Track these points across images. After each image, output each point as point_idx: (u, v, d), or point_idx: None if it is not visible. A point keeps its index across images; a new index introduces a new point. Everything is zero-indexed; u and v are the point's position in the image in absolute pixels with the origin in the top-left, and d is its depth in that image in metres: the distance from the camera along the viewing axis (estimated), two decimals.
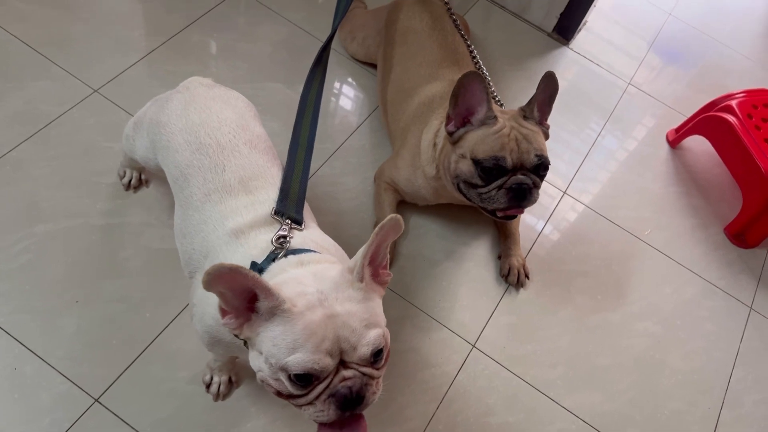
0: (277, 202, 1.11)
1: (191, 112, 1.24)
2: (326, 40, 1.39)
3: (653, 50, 2.61)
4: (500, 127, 1.49)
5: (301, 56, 2.10)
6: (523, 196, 1.50)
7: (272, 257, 1.00)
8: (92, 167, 1.68)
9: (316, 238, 1.11)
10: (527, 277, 1.78)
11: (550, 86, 1.53)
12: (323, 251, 1.06)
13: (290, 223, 1.07)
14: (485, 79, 1.81)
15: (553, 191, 2.03)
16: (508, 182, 1.49)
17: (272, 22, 2.17)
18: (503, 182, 1.49)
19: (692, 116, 2.24)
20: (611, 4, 2.70)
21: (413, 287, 1.71)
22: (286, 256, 1.00)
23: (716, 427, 1.67)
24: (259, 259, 1.00)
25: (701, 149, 2.26)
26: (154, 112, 1.33)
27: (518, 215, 1.62)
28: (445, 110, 1.63)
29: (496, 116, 1.50)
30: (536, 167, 1.51)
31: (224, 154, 1.17)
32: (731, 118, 2.05)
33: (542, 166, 1.51)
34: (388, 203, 1.76)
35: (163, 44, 1.99)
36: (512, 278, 1.76)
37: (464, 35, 1.92)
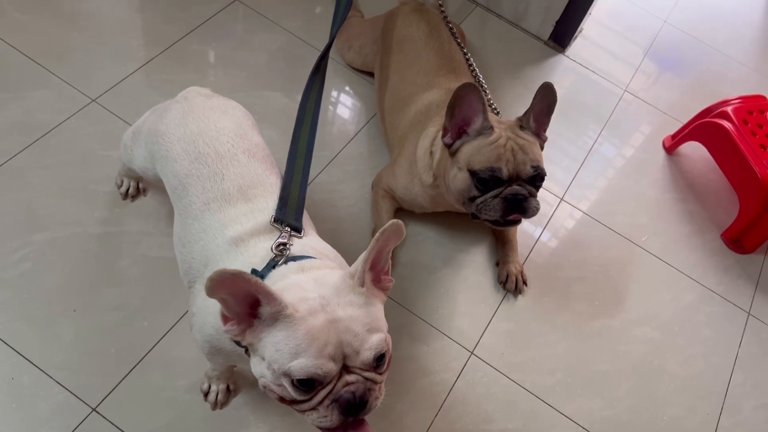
0: (276, 209, 1.11)
1: (189, 121, 1.25)
2: (324, 48, 1.40)
3: (649, 57, 2.62)
4: (496, 137, 1.49)
5: (298, 65, 2.11)
6: (518, 205, 1.51)
7: (272, 264, 1.00)
8: (90, 176, 1.68)
9: (315, 245, 1.11)
10: (525, 283, 1.79)
11: (547, 97, 1.53)
12: (323, 258, 1.06)
13: (289, 230, 1.08)
14: (481, 89, 1.82)
15: (550, 198, 2.03)
16: (503, 192, 1.50)
17: (269, 31, 2.18)
18: (499, 192, 1.50)
19: (688, 122, 2.25)
20: (607, 11, 2.72)
21: (411, 294, 1.71)
22: (286, 263, 1.00)
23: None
24: (259, 266, 1.01)
25: (697, 155, 2.27)
26: (152, 122, 1.34)
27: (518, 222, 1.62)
28: (441, 118, 1.63)
29: (492, 126, 1.50)
30: (532, 178, 1.51)
31: (223, 163, 1.18)
32: (727, 124, 2.06)
33: (538, 176, 1.52)
34: (385, 210, 1.76)
35: (161, 53, 1.99)
36: (510, 285, 1.76)
37: (461, 43, 1.93)
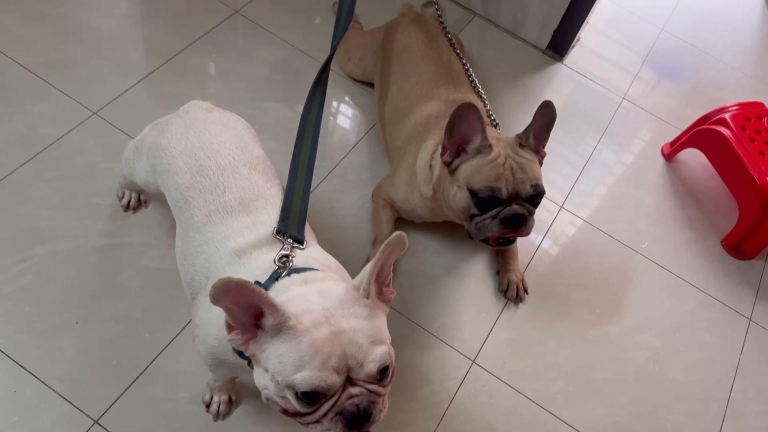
0: (278, 221, 1.12)
1: (191, 135, 1.26)
2: (325, 60, 1.41)
3: (647, 65, 2.64)
4: (495, 155, 1.50)
5: (298, 76, 2.12)
6: (517, 225, 1.51)
7: (275, 276, 1.00)
8: (91, 189, 1.69)
9: (317, 256, 1.12)
10: (526, 291, 1.79)
11: (547, 115, 1.54)
12: (325, 269, 1.07)
13: (292, 242, 1.08)
14: (480, 99, 1.84)
15: (550, 206, 2.04)
16: (502, 212, 1.50)
17: (270, 43, 2.20)
18: (498, 212, 1.50)
19: (686, 129, 2.26)
20: (604, 20, 2.74)
21: (412, 304, 1.71)
22: (289, 275, 1.00)
23: None
24: (262, 279, 1.01)
25: (696, 162, 2.27)
26: (154, 135, 1.35)
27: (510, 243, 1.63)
28: (440, 130, 1.64)
29: (491, 145, 1.51)
30: (531, 197, 1.52)
31: (224, 175, 1.19)
32: (725, 130, 2.06)
33: (537, 195, 1.52)
34: (386, 220, 1.77)
35: (162, 66, 2.01)
36: (511, 293, 1.77)
37: (459, 54, 1.95)
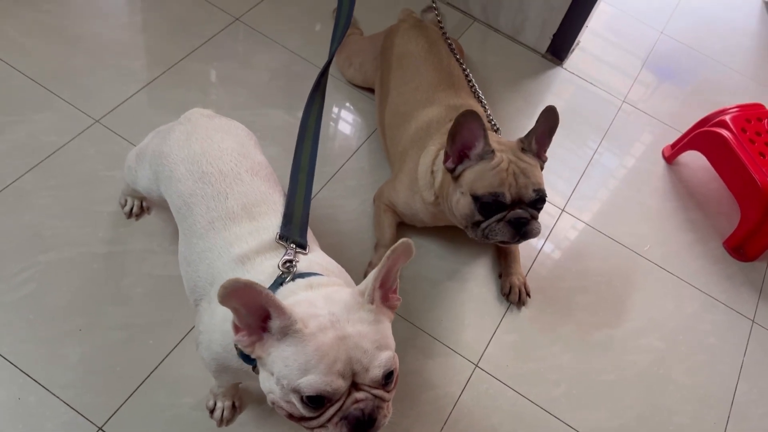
0: (281, 226, 1.12)
1: (193, 142, 1.27)
2: (324, 66, 1.42)
3: (646, 68, 2.64)
4: (498, 161, 1.50)
5: (299, 82, 2.13)
6: (521, 229, 1.52)
7: (279, 282, 1.01)
8: (94, 196, 1.70)
9: (321, 261, 1.12)
10: (528, 295, 1.79)
11: (550, 120, 1.55)
12: (329, 274, 1.07)
13: (295, 247, 1.08)
14: (480, 104, 1.84)
15: (552, 209, 2.04)
16: (507, 216, 1.51)
17: (270, 49, 2.21)
18: (502, 216, 1.51)
19: (687, 132, 2.26)
20: (603, 23, 2.75)
21: (414, 308, 1.72)
22: (293, 279, 1.00)
23: None
24: (266, 284, 1.01)
25: (697, 164, 2.27)
26: (156, 143, 1.35)
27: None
28: (441, 135, 1.65)
29: (493, 150, 1.52)
30: (534, 201, 1.53)
31: (226, 182, 1.19)
32: (725, 132, 2.07)
33: (540, 200, 1.54)
34: (387, 224, 1.77)
35: (163, 74, 2.02)
36: (513, 297, 1.77)
37: (459, 59, 1.95)
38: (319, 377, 0.84)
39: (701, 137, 2.17)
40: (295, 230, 1.12)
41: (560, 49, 2.49)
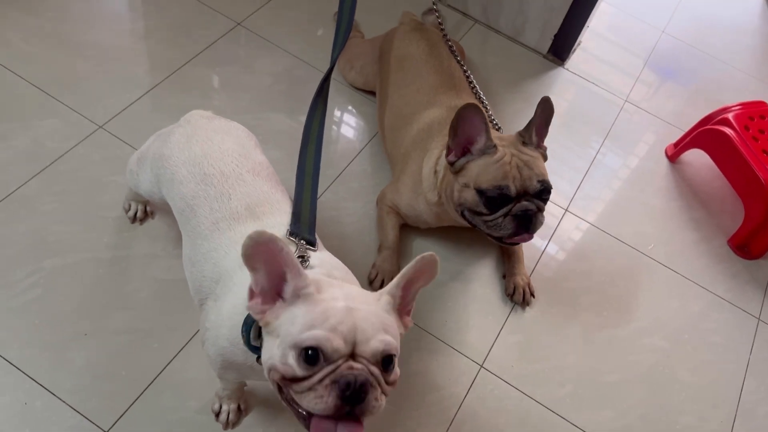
0: (290, 224, 1.13)
1: (194, 144, 1.27)
2: (326, 73, 1.42)
3: (648, 67, 2.64)
4: (501, 155, 1.51)
5: (301, 86, 2.13)
6: (528, 221, 1.52)
7: None
8: (98, 201, 1.71)
9: (330, 260, 1.13)
10: (533, 295, 1.79)
11: (546, 111, 1.56)
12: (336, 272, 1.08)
13: (305, 243, 1.09)
14: (482, 105, 1.84)
15: (555, 210, 2.04)
16: (513, 209, 1.51)
17: (272, 54, 2.21)
18: (508, 210, 1.52)
19: (690, 130, 2.26)
20: (604, 23, 2.75)
21: (418, 309, 1.71)
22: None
23: None
24: None
25: (700, 163, 2.27)
26: (157, 146, 1.36)
27: (524, 242, 1.62)
28: (443, 136, 1.65)
29: (495, 145, 1.52)
30: (539, 192, 1.53)
31: (228, 183, 1.20)
32: (728, 130, 2.06)
33: (545, 190, 1.54)
34: (390, 226, 1.77)
35: (166, 79, 2.03)
36: (518, 297, 1.77)
37: (460, 60, 1.96)
38: (321, 331, 0.85)
39: (704, 135, 2.16)
40: (304, 228, 1.12)
41: (561, 49, 2.49)
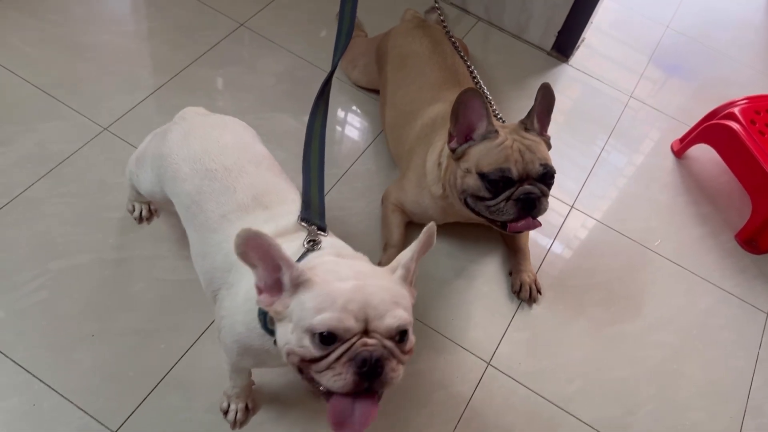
0: (301, 210, 1.14)
1: (192, 140, 1.28)
2: (327, 75, 1.41)
3: (653, 63, 2.63)
4: (502, 139, 1.50)
5: (304, 86, 2.13)
6: (532, 205, 1.51)
7: (304, 258, 1.03)
8: (103, 203, 1.71)
9: (342, 245, 1.14)
10: (539, 292, 1.78)
11: (547, 97, 1.56)
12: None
13: (316, 229, 1.10)
14: (484, 94, 1.84)
15: (560, 206, 2.03)
16: (515, 193, 1.50)
17: (275, 54, 2.21)
18: (511, 193, 1.50)
19: (696, 125, 2.25)
20: (608, 20, 2.74)
21: (424, 307, 1.71)
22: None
23: None
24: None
25: (706, 158, 2.26)
26: (155, 146, 1.36)
27: (530, 229, 1.61)
28: (446, 130, 1.65)
29: (497, 130, 1.52)
30: (542, 176, 1.52)
31: (232, 176, 1.21)
32: (734, 125, 2.05)
33: (548, 174, 1.52)
34: (396, 225, 1.77)
35: (169, 80, 2.03)
36: (524, 294, 1.76)
37: (464, 57, 1.95)
38: (331, 314, 0.86)
39: (710, 130, 2.15)
40: (314, 215, 1.13)
41: (565, 46, 2.48)
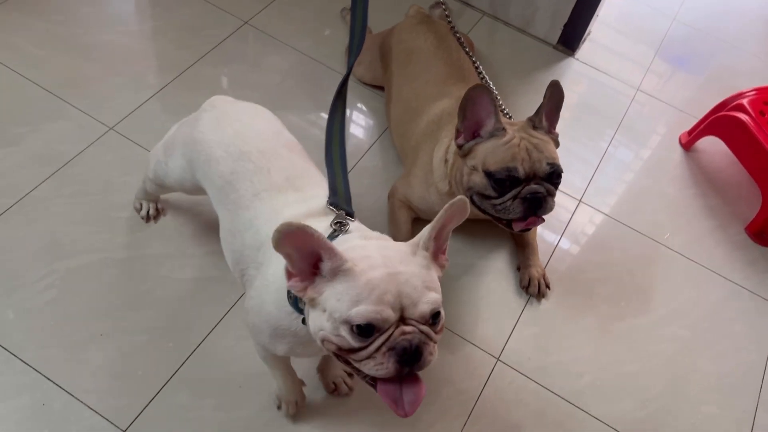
0: (329, 196, 1.15)
1: (225, 125, 1.30)
2: (343, 77, 1.39)
3: (660, 56, 2.61)
4: (510, 137, 1.49)
5: (309, 83, 2.13)
6: (538, 205, 1.50)
7: (333, 237, 1.03)
8: (110, 202, 1.71)
9: (367, 229, 1.14)
10: (548, 287, 1.77)
11: (556, 95, 1.54)
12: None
13: (344, 213, 1.11)
14: (492, 91, 1.83)
15: (568, 203, 2.02)
16: (522, 192, 1.49)
17: (280, 51, 2.21)
18: (517, 192, 1.49)
19: (704, 117, 2.23)
20: (614, 13, 2.72)
21: None
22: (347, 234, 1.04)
23: (753, 428, 1.63)
24: None
25: (715, 150, 2.24)
26: (186, 132, 1.37)
27: (535, 226, 1.61)
28: (453, 126, 1.64)
29: (504, 128, 1.50)
30: (549, 175, 1.50)
31: (266, 158, 1.23)
32: (743, 116, 2.03)
33: (555, 173, 1.51)
34: (403, 221, 1.76)
35: (174, 79, 2.03)
36: (533, 289, 1.75)
37: (469, 52, 1.94)
38: (369, 306, 0.86)
39: (719, 122, 2.13)
40: (341, 201, 1.14)
41: (571, 39, 2.47)
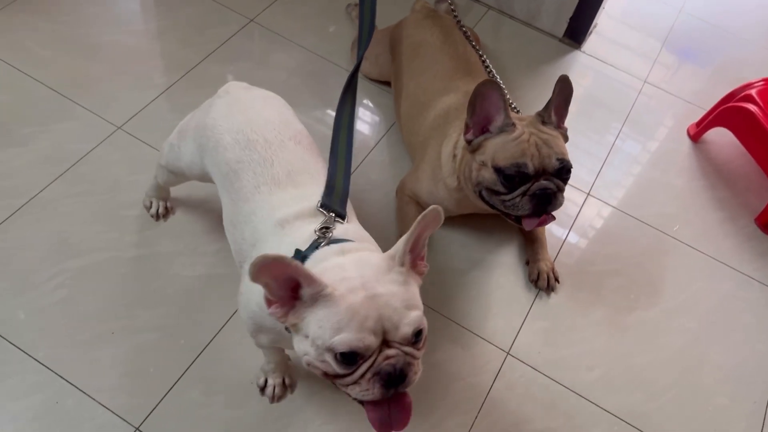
0: (323, 196, 1.15)
1: (236, 112, 1.30)
2: (353, 69, 1.41)
3: (666, 48, 2.60)
4: (519, 133, 1.49)
5: (316, 80, 2.13)
6: (547, 201, 1.50)
7: (315, 245, 1.03)
8: (119, 201, 1.72)
9: (356, 230, 1.15)
10: (557, 280, 1.77)
11: (565, 90, 1.53)
12: (361, 242, 1.10)
13: (334, 216, 1.11)
14: (502, 86, 1.82)
15: (576, 197, 2.01)
16: (531, 188, 1.49)
17: (285, 49, 2.21)
18: (527, 189, 1.49)
19: (712, 109, 2.22)
20: (620, 5, 2.70)
21: (442, 298, 1.71)
22: (328, 245, 1.03)
23: (765, 420, 1.62)
24: (303, 247, 1.04)
25: (723, 141, 2.23)
26: (198, 117, 1.38)
27: (544, 224, 1.60)
28: (461, 121, 1.63)
29: (514, 123, 1.50)
30: (558, 171, 1.50)
31: (272, 149, 1.23)
32: (752, 107, 2.02)
33: (564, 169, 1.51)
34: (411, 216, 1.76)
35: (181, 78, 2.03)
36: (542, 283, 1.75)
37: (476, 46, 1.94)
38: (351, 334, 0.87)
39: (727, 113, 2.12)
40: (336, 200, 1.15)
41: (577, 32, 2.46)
